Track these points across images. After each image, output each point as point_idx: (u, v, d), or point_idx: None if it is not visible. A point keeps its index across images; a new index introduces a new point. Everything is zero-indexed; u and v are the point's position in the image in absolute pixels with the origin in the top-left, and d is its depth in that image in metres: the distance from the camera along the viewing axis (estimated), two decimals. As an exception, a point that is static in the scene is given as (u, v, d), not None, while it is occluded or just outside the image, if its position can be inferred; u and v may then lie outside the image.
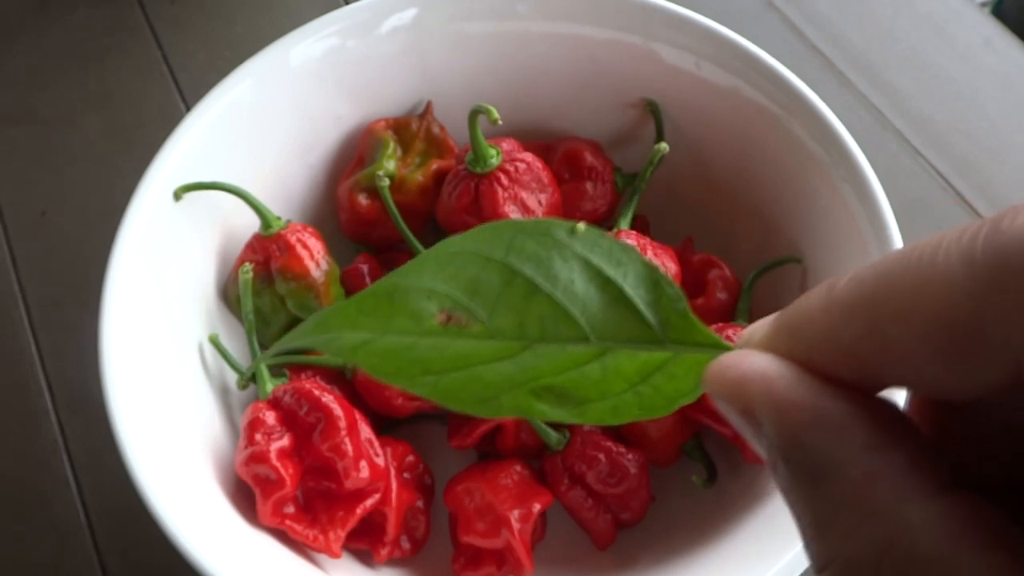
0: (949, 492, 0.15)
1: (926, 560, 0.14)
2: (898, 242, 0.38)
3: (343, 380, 0.43)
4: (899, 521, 0.15)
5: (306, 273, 0.43)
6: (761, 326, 0.18)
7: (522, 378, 0.19)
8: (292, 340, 0.21)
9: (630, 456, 0.41)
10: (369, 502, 0.39)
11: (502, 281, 0.20)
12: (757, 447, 0.17)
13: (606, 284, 0.19)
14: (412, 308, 0.20)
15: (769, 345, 0.17)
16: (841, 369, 0.16)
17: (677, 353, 0.19)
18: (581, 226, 0.20)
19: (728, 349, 0.18)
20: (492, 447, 0.43)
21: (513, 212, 0.43)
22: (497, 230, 0.20)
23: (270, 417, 0.39)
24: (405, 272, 0.20)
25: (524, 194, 0.44)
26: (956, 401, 0.16)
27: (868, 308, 0.15)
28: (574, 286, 0.19)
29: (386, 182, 0.44)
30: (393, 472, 0.40)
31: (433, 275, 0.20)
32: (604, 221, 0.48)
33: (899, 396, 0.17)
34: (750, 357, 0.17)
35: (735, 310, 0.44)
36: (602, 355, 0.19)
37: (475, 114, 0.42)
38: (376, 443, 0.40)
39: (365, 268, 0.46)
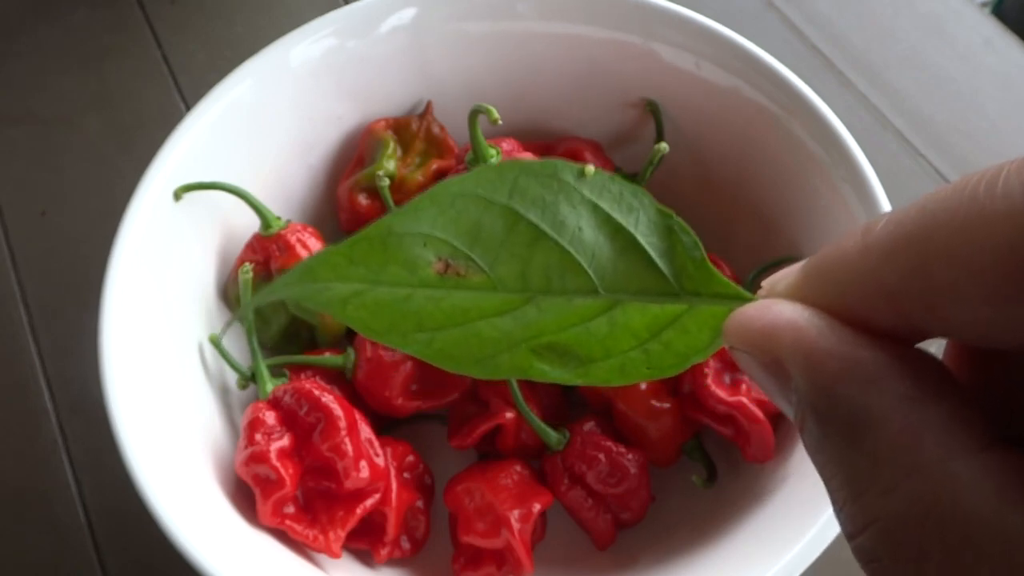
0: (995, 447, 0.14)
1: (974, 518, 0.13)
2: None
3: (343, 380, 0.43)
4: (944, 477, 0.14)
5: (306, 273, 0.43)
6: (787, 274, 0.17)
7: (523, 335, 0.18)
8: (276, 290, 0.19)
9: (630, 456, 0.41)
10: (369, 502, 0.39)
11: (505, 226, 0.18)
12: (783, 405, 0.16)
13: (616, 231, 0.18)
14: (407, 256, 0.18)
15: (797, 293, 0.16)
16: (879, 316, 0.15)
17: (693, 305, 0.18)
18: (590, 168, 0.18)
19: (749, 300, 0.17)
20: (492, 447, 0.43)
21: (513, 212, 0.43)
22: (500, 170, 0.18)
23: (270, 417, 0.39)
24: (400, 215, 0.18)
25: (524, 194, 0.44)
26: (1001, 349, 0.15)
27: (913, 247, 0.14)
28: (582, 233, 0.18)
29: (386, 182, 0.44)
30: (393, 472, 0.40)
31: (431, 219, 0.18)
32: (604, 221, 0.48)
33: (934, 346, 0.16)
34: (776, 306, 0.16)
35: (735, 310, 0.44)
36: (611, 308, 0.18)
37: (475, 114, 0.42)
38: (376, 443, 0.40)
39: (365, 268, 0.46)
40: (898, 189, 0.44)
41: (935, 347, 0.16)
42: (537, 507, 0.40)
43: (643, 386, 0.41)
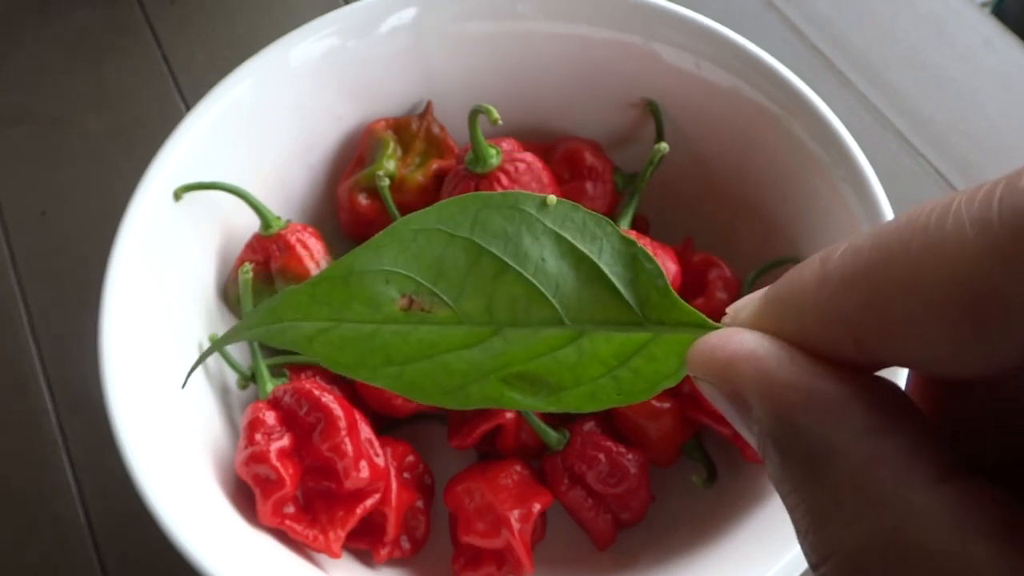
0: (956, 477, 0.14)
1: (934, 550, 0.13)
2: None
3: (343, 380, 0.43)
4: (905, 509, 0.14)
5: (306, 273, 0.43)
6: (748, 302, 0.17)
7: (492, 365, 0.18)
8: (241, 332, 0.19)
9: (630, 456, 0.41)
10: (369, 502, 0.39)
11: (468, 260, 0.18)
12: (746, 434, 0.16)
13: (580, 261, 0.18)
14: (370, 293, 0.18)
15: (758, 322, 0.16)
16: (838, 346, 0.15)
17: (657, 334, 0.18)
18: (552, 199, 0.18)
19: (712, 328, 0.17)
20: (492, 447, 0.43)
21: (513, 212, 0.43)
22: (462, 204, 0.18)
23: (270, 417, 0.39)
24: (361, 253, 0.18)
25: (524, 194, 0.44)
26: (962, 380, 0.15)
27: (870, 278, 0.14)
28: (546, 264, 0.18)
29: (386, 182, 0.44)
30: (393, 472, 0.40)
31: (393, 256, 0.18)
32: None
33: (899, 376, 0.16)
34: (737, 335, 0.16)
35: (735, 310, 0.44)
36: (577, 338, 0.18)
37: (475, 114, 0.42)
38: (376, 443, 0.40)
39: (365, 268, 0.46)
40: (898, 189, 0.44)
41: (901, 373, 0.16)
42: (537, 507, 0.40)
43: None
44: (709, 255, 0.45)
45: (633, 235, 0.42)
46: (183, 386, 0.35)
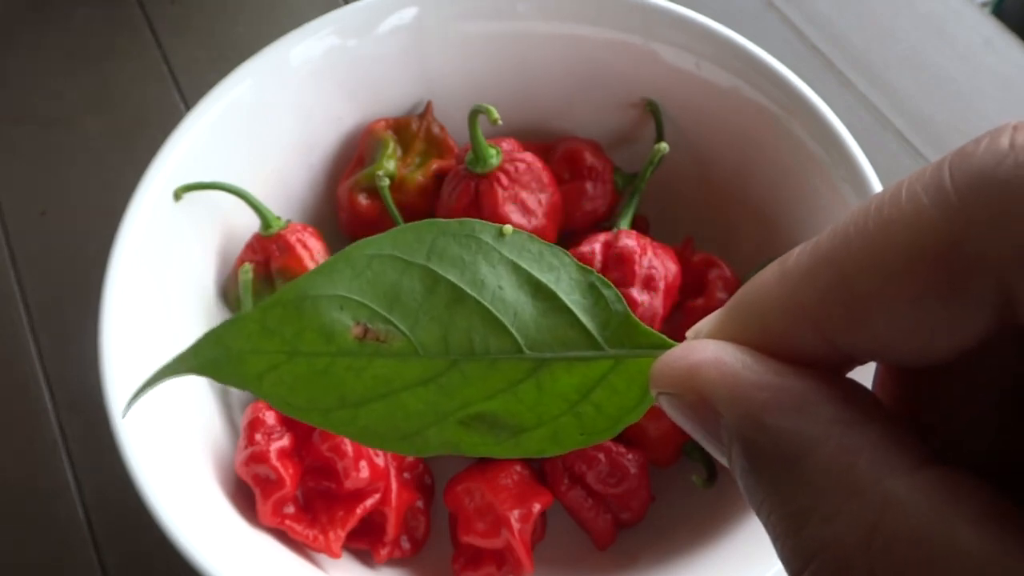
0: (931, 464, 0.14)
1: (919, 536, 0.13)
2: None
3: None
4: (885, 498, 0.13)
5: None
6: (709, 319, 0.17)
7: (449, 405, 0.18)
8: (184, 363, 0.18)
9: (630, 456, 0.41)
10: (369, 502, 0.39)
11: (424, 288, 0.18)
12: (713, 447, 0.16)
13: (538, 290, 0.18)
14: (323, 321, 0.17)
15: (721, 332, 0.16)
16: (804, 343, 0.15)
17: (619, 359, 0.17)
18: (508, 228, 0.18)
19: (675, 346, 0.17)
20: (492, 447, 0.43)
21: (513, 212, 0.43)
22: (418, 231, 0.18)
23: (270, 417, 0.39)
24: (315, 277, 0.18)
25: (524, 194, 0.44)
26: (930, 364, 0.14)
27: (829, 266, 0.14)
28: (503, 292, 0.18)
29: (386, 182, 0.44)
30: (393, 472, 0.40)
31: (347, 281, 0.18)
32: (604, 221, 0.48)
33: (864, 378, 0.16)
34: (700, 345, 0.16)
35: (735, 310, 0.44)
36: (537, 369, 0.18)
37: (475, 114, 0.42)
38: (376, 443, 0.39)
39: (365, 268, 0.46)
40: (898, 189, 0.44)
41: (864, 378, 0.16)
42: (537, 507, 0.40)
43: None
44: (709, 255, 0.45)
45: (634, 235, 0.42)
46: (123, 415, 0.34)
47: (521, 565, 0.39)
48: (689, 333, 0.17)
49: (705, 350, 0.16)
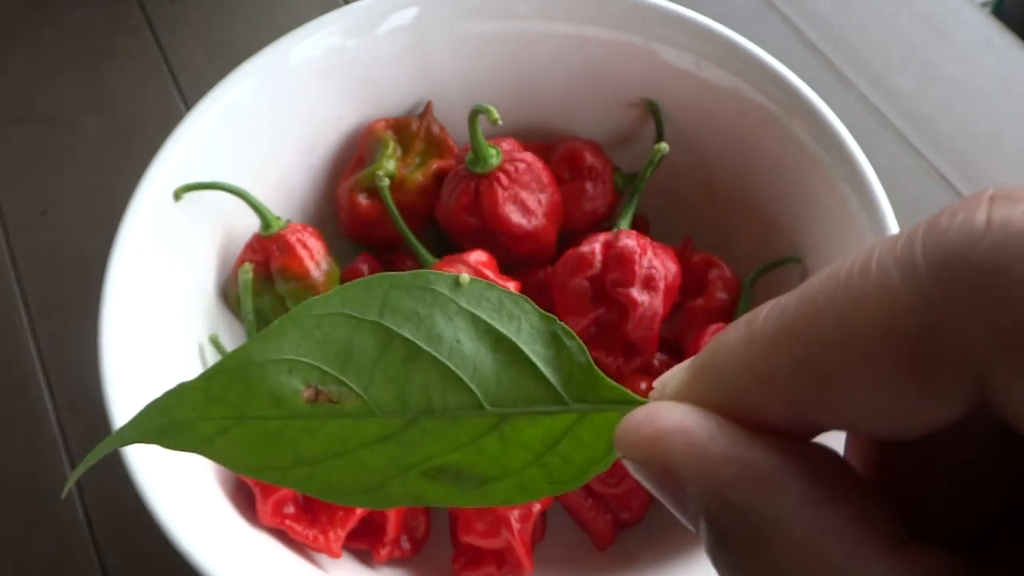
0: (903, 547, 0.13)
1: None
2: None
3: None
4: None
5: (306, 273, 0.43)
6: (675, 374, 0.16)
7: (411, 460, 0.17)
8: (129, 433, 0.17)
9: (630, 456, 0.41)
10: (369, 502, 0.39)
11: (377, 345, 0.17)
12: (680, 515, 0.15)
13: (498, 341, 0.17)
14: (271, 386, 0.17)
15: (685, 394, 0.15)
16: (772, 412, 0.14)
17: (583, 414, 0.17)
18: (465, 277, 0.17)
19: (639, 403, 0.16)
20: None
21: (513, 212, 0.43)
22: (368, 286, 0.17)
23: (270, 417, 0.39)
24: (260, 342, 0.17)
25: (524, 194, 0.44)
26: (902, 439, 0.14)
27: (796, 337, 0.14)
28: (461, 346, 0.17)
29: (386, 182, 0.44)
30: (393, 472, 0.40)
31: (295, 344, 0.17)
32: (604, 221, 0.48)
33: (836, 442, 0.15)
34: (663, 409, 0.15)
35: (735, 310, 0.44)
36: (499, 424, 0.17)
37: (475, 114, 0.42)
38: (376, 443, 0.40)
39: (365, 268, 0.46)
40: (898, 189, 0.44)
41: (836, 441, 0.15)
42: (537, 507, 0.40)
43: (643, 384, 0.41)
44: (709, 255, 0.45)
45: (634, 235, 0.42)
46: (61, 496, 0.33)
47: (521, 565, 0.39)
48: (655, 387, 0.16)
49: (670, 416, 0.15)
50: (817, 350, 0.13)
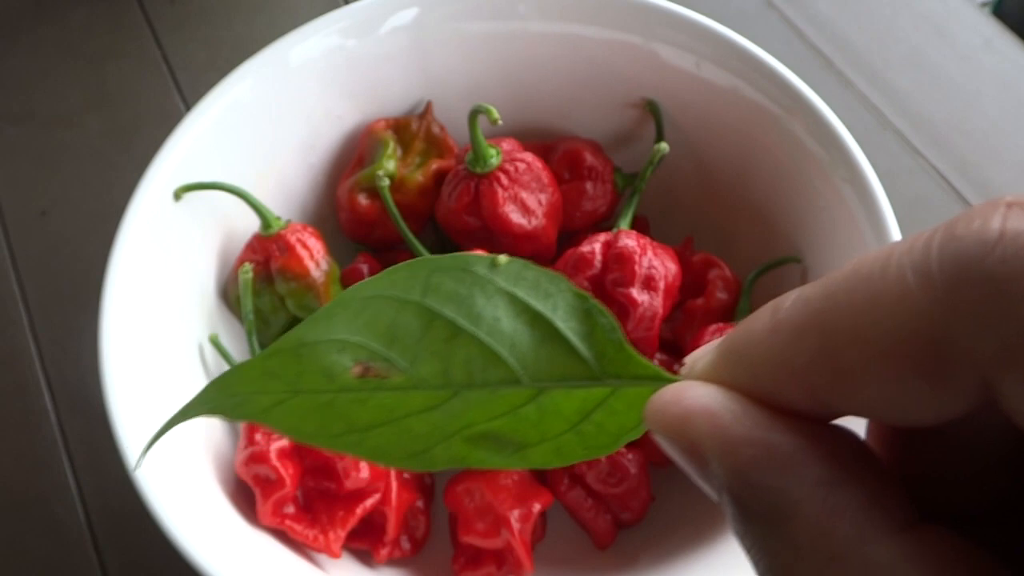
0: (915, 528, 0.14)
1: None
2: (898, 242, 0.38)
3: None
4: (863, 563, 0.14)
5: (306, 273, 0.43)
6: (704, 354, 0.17)
7: (454, 426, 0.18)
8: (195, 408, 0.19)
9: (630, 456, 0.41)
10: (369, 502, 0.39)
11: (421, 325, 0.18)
12: (705, 488, 0.16)
13: (535, 319, 0.18)
14: (323, 364, 0.18)
15: (712, 374, 0.16)
16: (792, 397, 0.15)
17: (616, 388, 0.18)
18: (503, 258, 0.18)
19: (669, 381, 0.17)
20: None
21: (513, 212, 0.43)
22: (412, 269, 0.18)
23: (270, 417, 0.39)
24: (312, 324, 0.18)
25: (524, 194, 0.44)
26: (918, 427, 0.15)
27: (817, 329, 0.14)
28: (500, 324, 0.18)
29: (386, 182, 0.44)
30: (393, 472, 0.40)
31: (345, 324, 0.18)
32: (604, 221, 0.48)
33: (856, 423, 0.16)
34: (692, 389, 0.16)
35: (735, 310, 0.44)
36: (537, 396, 0.18)
37: (475, 114, 0.42)
38: (376, 443, 0.40)
39: (365, 268, 0.46)
40: (898, 189, 0.44)
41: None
42: (537, 507, 0.40)
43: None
44: (709, 255, 0.45)
45: (634, 235, 0.42)
46: (136, 467, 0.34)
47: (521, 565, 0.39)
48: (685, 363, 0.17)
49: (697, 397, 0.16)
50: (835, 343, 0.14)
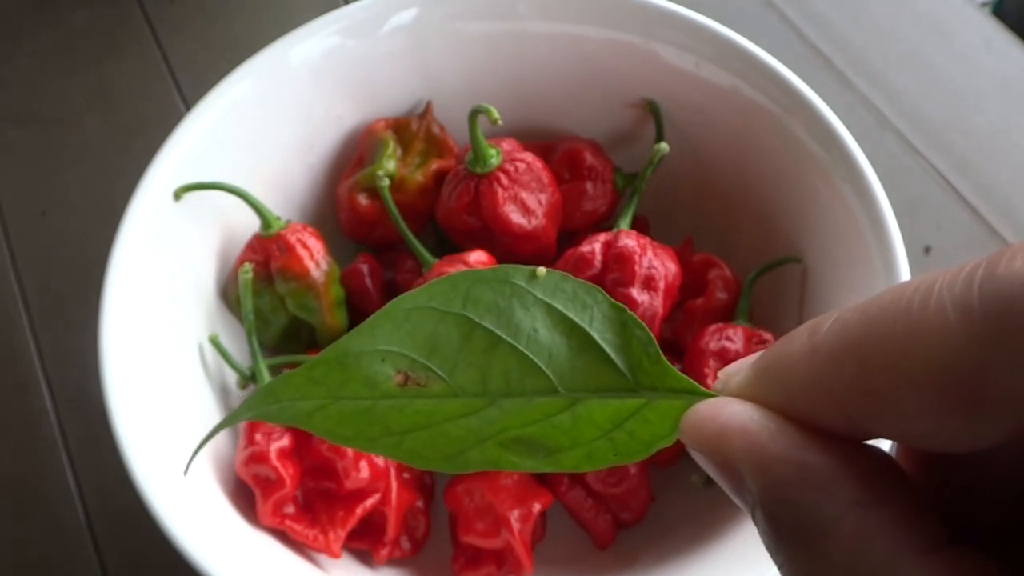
0: (945, 548, 0.14)
1: None
2: (898, 242, 0.38)
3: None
4: None
5: (306, 273, 0.43)
6: (739, 369, 0.17)
7: (489, 431, 0.18)
8: (242, 414, 0.20)
9: (630, 456, 0.41)
10: (369, 502, 0.39)
11: (461, 335, 0.19)
12: (739, 502, 0.16)
13: (572, 330, 0.18)
14: (365, 373, 0.19)
15: (748, 392, 0.16)
16: (827, 418, 0.15)
17: (650, 400, 0.18)
18: (542, 270, 0.19)
19: (704, 395, 0.18)
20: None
21: (513, 212, 0.43)
22: (453, 281, 0.19)
23: (270, 417, 0.39)
24: (356, 335, 0.19)
25: (524, 194, 0.44)
26: (949, 454, 0.15)
27: (855, 356, 0.15)
28: (538, 335, 0.19)
29: (386, 182, 0.44)
30: (393, 472, 0.40)
31: (387, 335, 0.19)
32: (604, 221, 0.48)
33: (887, 443, 0.16)
34: (728, 407, 0.16)
35: (735, 310, 0.44)
36: (572, 405, 0.18)
37: (475, 114, 0.42)
38: (376, 443, 0.40)
39: (365, 268, 0.46)
40: (898, 189, 0.44)
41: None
42: (537, 507, 0.40)
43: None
44: (709, 255, 0.45)
45: (634, 235, 0.42)
46: (185, 472, 0.35)
47: (521, 565, 0.39)
48: (720, 378, 0.17)
49: (734, 414, 0.16)
50: (872, 372, 0.14)
